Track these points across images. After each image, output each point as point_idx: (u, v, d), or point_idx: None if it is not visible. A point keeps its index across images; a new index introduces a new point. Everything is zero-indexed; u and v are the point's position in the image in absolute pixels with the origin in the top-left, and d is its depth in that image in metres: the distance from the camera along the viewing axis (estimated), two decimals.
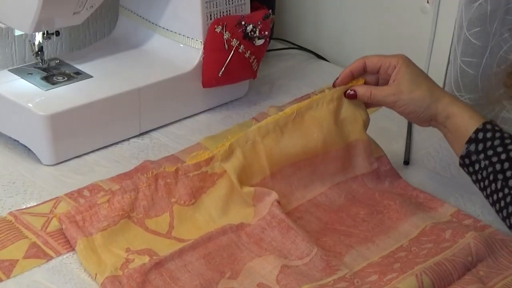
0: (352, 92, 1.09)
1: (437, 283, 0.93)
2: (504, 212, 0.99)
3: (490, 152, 1.00)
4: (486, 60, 1.31)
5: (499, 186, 0.99)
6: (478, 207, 1.11)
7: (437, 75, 1.34)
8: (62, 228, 0.99)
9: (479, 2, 1.26)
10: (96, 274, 0.93)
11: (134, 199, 1.01)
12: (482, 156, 1.01)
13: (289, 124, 1.08)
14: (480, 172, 1.01)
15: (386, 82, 1.09)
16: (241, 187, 1.03)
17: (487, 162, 1.00)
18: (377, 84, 1.12)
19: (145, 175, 1.03)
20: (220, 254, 0.98)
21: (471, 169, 1.03)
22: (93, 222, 0.98)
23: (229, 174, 1.04)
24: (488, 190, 1.01)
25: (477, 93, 1.29)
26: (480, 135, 1.01)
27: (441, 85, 1.28)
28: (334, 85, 1.12)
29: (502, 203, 0.99)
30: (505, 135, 1.01)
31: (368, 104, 1.12)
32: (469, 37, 1.29)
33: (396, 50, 1.26)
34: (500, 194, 0.99)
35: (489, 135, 1.01)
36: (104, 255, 0.95)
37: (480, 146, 1.01)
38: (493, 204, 1.01)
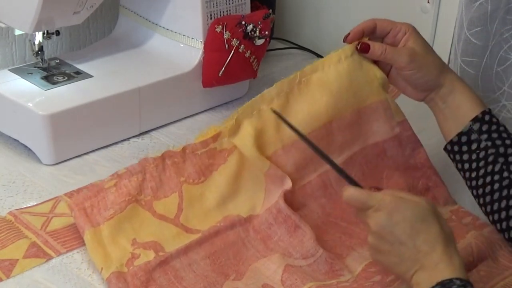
0: (365, 45, 1.04)
1: None
2: (488, 197, 1.00)
3: (494, 135, 1.01)
4: (486, 60, 1.31)
5: (497, 168, 0.99)
6: (478, 207, 1.11)
7: None
8: (72, 216, 0.98)
9: (479, 1, 1.26)
10: (102, 268, 0.93)
11: (141, 181, 0.99)
12: (484, 136, 1.01)
13: (294, 89, 1.03)
14: (476, 151, 1.01)
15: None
16: (257, 154, 0.99)
17: (489, 143, 1.00)
18: None
19: (152, 156, 1.01)
20: (225, 253, 0.97)
21: (464, 147, 1.02)
22: (101, 209, 0.97)
23: (239, 149, 1.01)
24: (481, 172, 1.00)
25: (477, 93, 1.29)
26: (487, 117, 1.02)
27: None
28: (344, 41, 1.06)
29: (496, 186, 0.99)
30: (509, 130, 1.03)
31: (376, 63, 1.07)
32: (470, 36, 1.29)
33: None
34: (496, 177, 0.99)
35: (495, 120, 1.02)
36: (110, 248, 0.95)
37: (485, 127, 1.01)
38: (476, 187, 1.01)
